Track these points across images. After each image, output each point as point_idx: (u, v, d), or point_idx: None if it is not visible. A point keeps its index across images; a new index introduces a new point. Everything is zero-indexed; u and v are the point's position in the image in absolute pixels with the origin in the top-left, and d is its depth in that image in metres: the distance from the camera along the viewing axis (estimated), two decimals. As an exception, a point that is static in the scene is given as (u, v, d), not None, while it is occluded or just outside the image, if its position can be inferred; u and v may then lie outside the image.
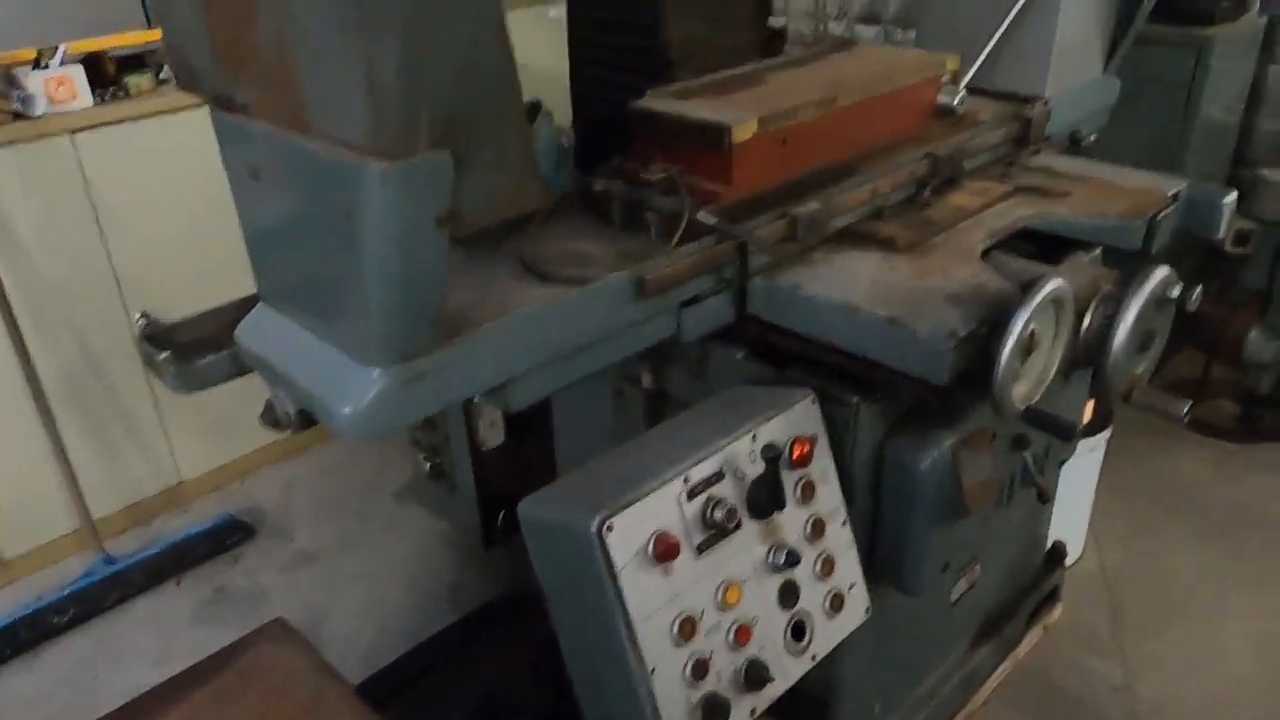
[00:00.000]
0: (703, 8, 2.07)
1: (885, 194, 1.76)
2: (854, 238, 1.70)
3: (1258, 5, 3.26)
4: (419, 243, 1.07)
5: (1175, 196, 1.91)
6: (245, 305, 1.44)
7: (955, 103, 1.92)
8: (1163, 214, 1.83)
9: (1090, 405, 2.27)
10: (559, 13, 4.25)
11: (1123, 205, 1.85)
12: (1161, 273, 1.57)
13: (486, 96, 1.08)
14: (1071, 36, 2.11)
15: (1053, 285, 1.41)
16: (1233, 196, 1.90)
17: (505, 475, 2.23)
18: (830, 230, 1.66)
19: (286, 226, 1.24)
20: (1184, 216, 1.95)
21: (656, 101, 1.66)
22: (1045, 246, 1.84)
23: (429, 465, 2.35)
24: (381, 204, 1.02)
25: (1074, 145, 2.11)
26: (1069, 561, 2.45)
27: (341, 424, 1.18)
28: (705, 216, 1.49)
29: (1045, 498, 1.89)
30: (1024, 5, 2.03)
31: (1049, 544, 2.39)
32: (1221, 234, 1.94)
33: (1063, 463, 2.01)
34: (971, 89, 2.06)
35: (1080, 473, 2.59)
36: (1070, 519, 2.58)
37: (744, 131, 1.53)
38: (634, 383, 1.80)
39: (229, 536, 3.04)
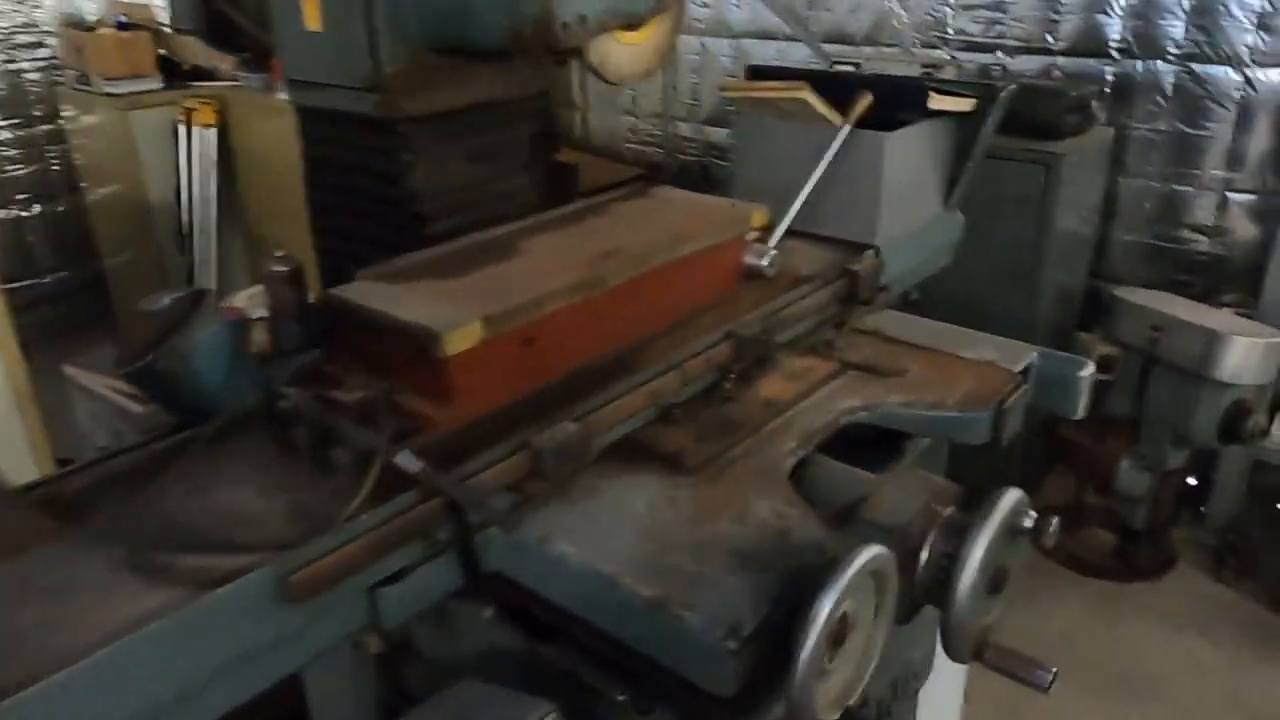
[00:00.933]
0: (463, 143, 1.71)
1: (674, 391, 1.39)
2: (631, 452, 1.33)
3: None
4: None
5: (1026, 371, 1.61)
6: None
7: (764, 264, 1.59)
8: (1011, 399, 1.51)
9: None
10: None
11: (965, 387, 1.54)
12: (1011, 499, 1.23)
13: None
14: (902, 179, 1.82)
15: (865, 558, 1.05)
16: (1090, 370, 1.61)
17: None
18: (594, 452, 1.27)
19: None
20: (1037, 393, 1.65)
21: (358, 289, 1.26)
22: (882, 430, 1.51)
23: None
24: None
25: (906, 305, 1.79)
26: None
27: None
28: (406, 461, 1.09)
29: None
30: (844, 148, 1.74)
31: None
32: (1080, 413, 1.64)
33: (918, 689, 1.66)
34: (800, 233, 1.75)
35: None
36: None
37: (461, 339, 1.15)
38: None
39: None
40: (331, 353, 1.27)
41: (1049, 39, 3.24)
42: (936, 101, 1.78)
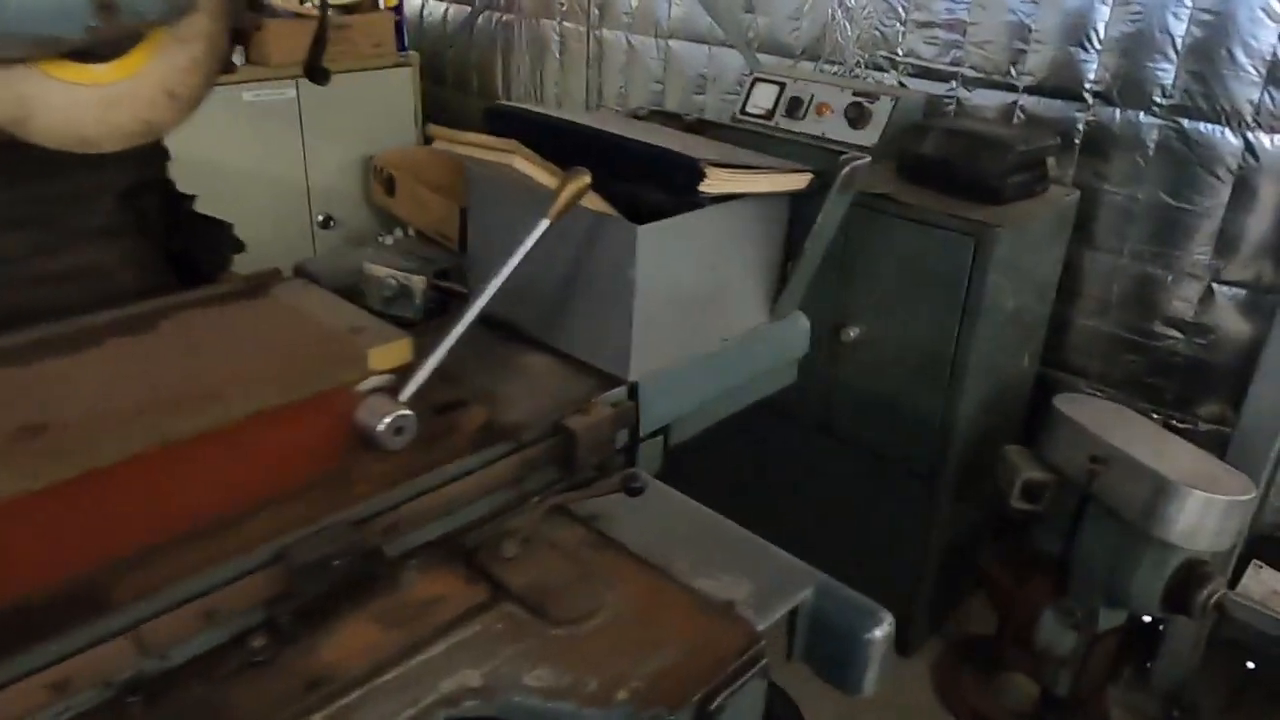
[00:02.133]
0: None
1: (160, 647, 0.85)
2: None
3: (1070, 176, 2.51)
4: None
5: (794, 614, 1.05)
6: None
7: (381, 428, 1.02)
8: (725, 695, 0.95)
9: None
10: (252, 95, 3.28)
11: (665, 654, 0.97)
12: None
13: None
14: (679, 284, 1.25)
15: None
16: (887, 629, 1.04)
17: None
18: None
19: None
20: (807, 651, 1.08)
21: None
22: None
23: None
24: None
25: (630, 491, 1.22)
26: None
27: None
28: None
29: None
30: (597, 237, 1.17)
31: None
32: (867, 691, 1.07)
33: None
34: (547, 349, 1.20)
35: None
36: None
37: None
38: None
39: None
40: None
41: (1013, 72, 2.62)
42: (717, 183, 1.20)
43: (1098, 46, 2.46)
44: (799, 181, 1.33)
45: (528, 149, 1.17)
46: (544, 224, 1.11)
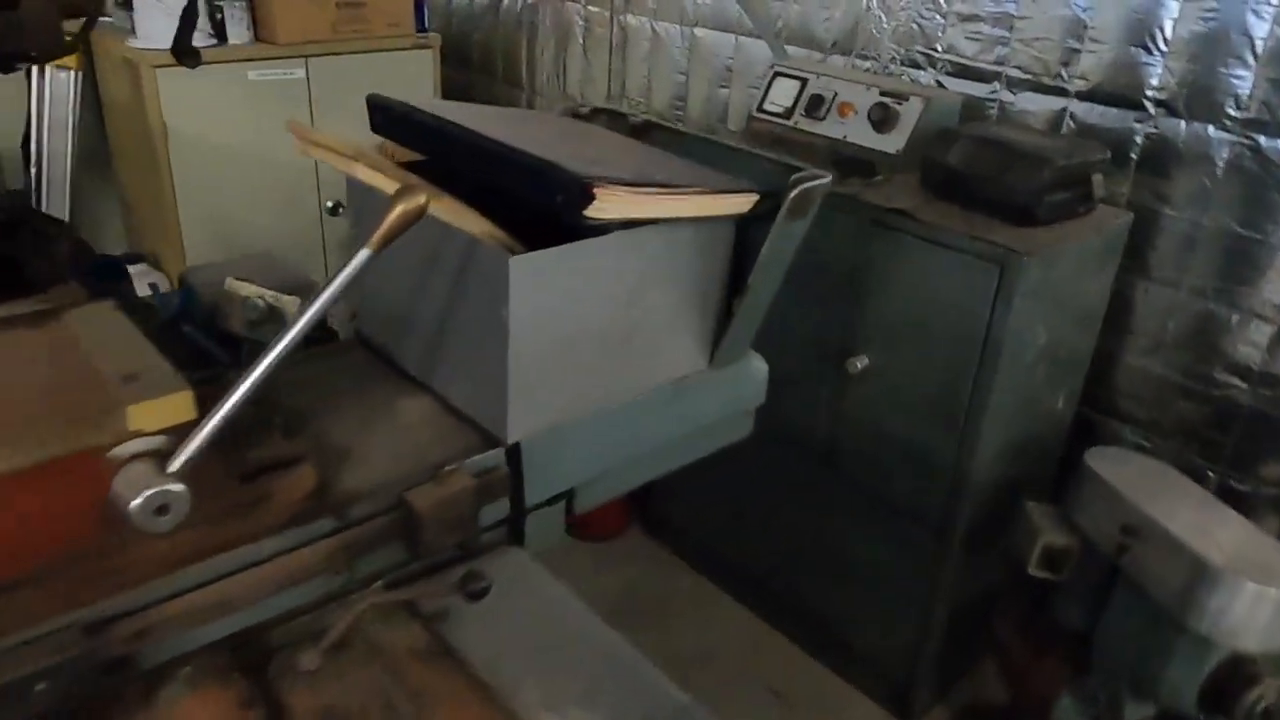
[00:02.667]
0: None
1: None
2: None
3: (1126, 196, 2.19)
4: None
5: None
6: None
7: (133, 506, 0.81)
8: None
9: None
10: (257, 74, 3.13)
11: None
12: None
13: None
14: (575, 326, 1.01)
15: None
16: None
17: None
18: None
19: None
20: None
21: None
22: None
23: None
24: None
25: (470, 595, 0.98)
26: None
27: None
28: None
29: None
30: (469, 268, 0.94)
31: None
32: None
33: None
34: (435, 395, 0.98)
35: None
36: None
37: None
38: None
39: None
40: None
41: (1065, 74, 2.30)
42: (611, 206, 0.95)
43: (1163, 48, 2.14)
44: (737, 204, 1.08)
45: (375, 155, 0.95)
46: (364, 255, 0.88)
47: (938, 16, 2.50)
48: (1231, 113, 2.07)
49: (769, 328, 2.43)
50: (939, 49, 2.52)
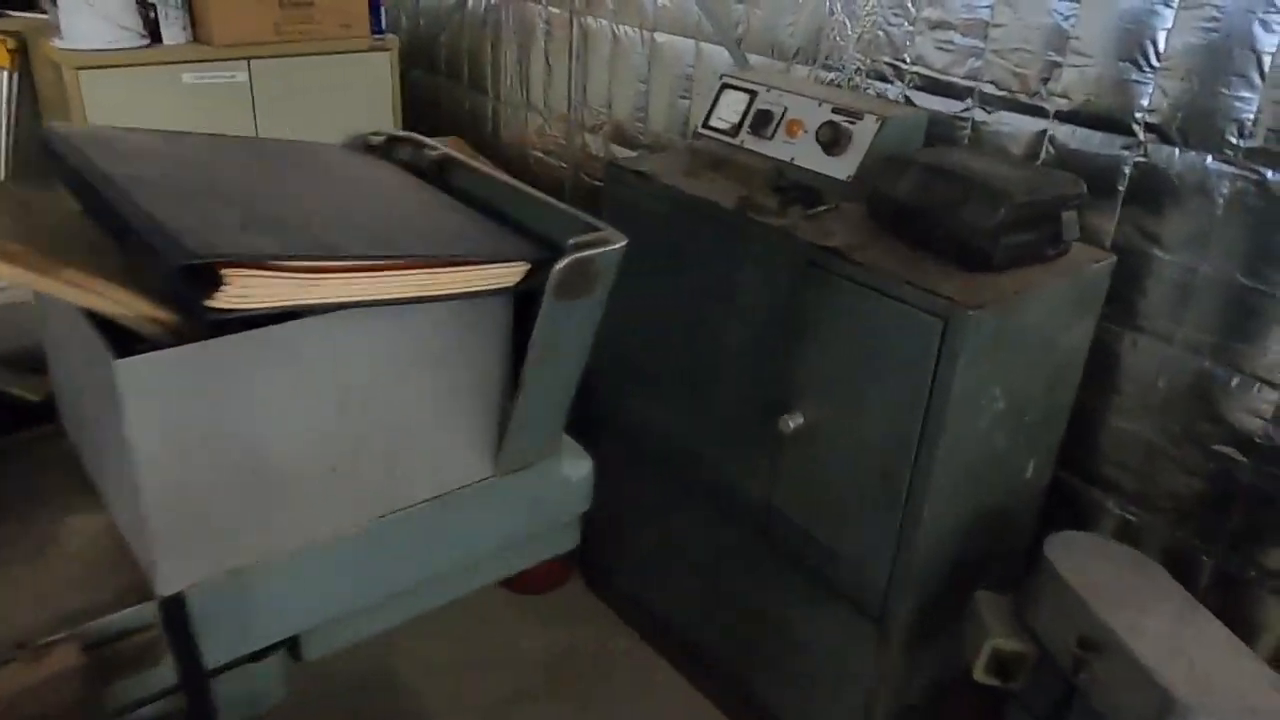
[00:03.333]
0: None
1: None
2: None
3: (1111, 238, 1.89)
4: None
5: None
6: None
7: None
8: None
9: None
10: (194, 77, 2.92)
11: None
12: None
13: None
14: (227, 461, 0.75)
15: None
16: None
17: None
18: None
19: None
20: None
21: None
22: None
23: None
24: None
25: None
26: None
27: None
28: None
29: None
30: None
31: None
32: None
33: None
34: None
35: None
36: None
37: None
38: None
39: None
40: None
41: (1044, 91, 2.00)
42: (252, 292, 0.69)
43: (1156, 63, 1.83)
44: (495, 278, 0.81)
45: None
46: None
47: (905, 23, 2.20)
48: (1233, 140, 1.75)
49: (697, 373, 2.18)
50: (907, 60, 2.22)
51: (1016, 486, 1.99)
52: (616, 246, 0.83)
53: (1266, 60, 1.68)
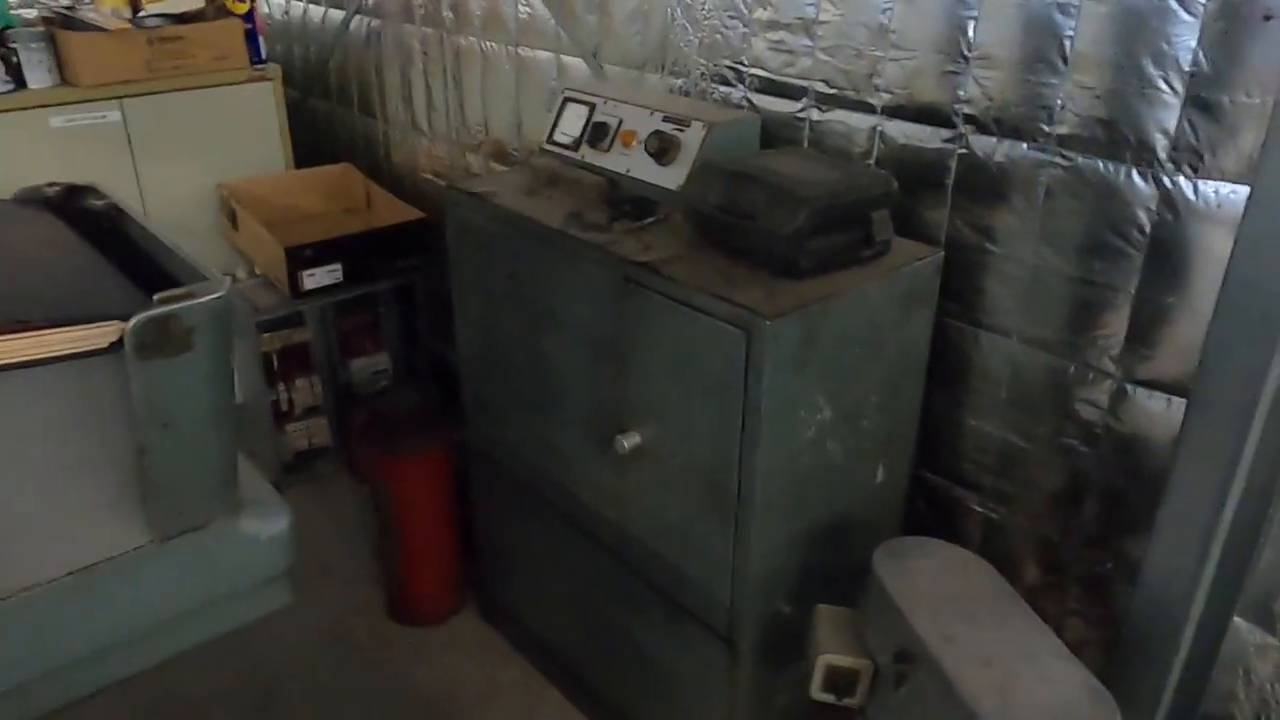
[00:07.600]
0: None
1: None
2: None
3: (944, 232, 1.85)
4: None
5: None
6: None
7: None
8: None
9: None
10: (63, 121, 2.86)
11: None
12: None
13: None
14: None
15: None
16: None
17: None
18: None
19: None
20: None
21: None
22: None
23: None
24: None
25: None
26: None
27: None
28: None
29: None
30: None
31: None
32: None
33: None
34: None
35: None
36: None
37: None
38: None
39: None
40: None
41: (870, 87, 1.95)
42: None
43: (968, 53, 1.78)
44: (77, 341, 0.75)
45: None
46: None
47: (740, 25, 2.16)
48: (1044, 128, 1.71)
49: (543, 397, 2.12)
50: (745, 62, 2.18)
51: (866, 494, 1.94)
52: (205, 300, 0.78)
53: (1068, 44, 1.64)
